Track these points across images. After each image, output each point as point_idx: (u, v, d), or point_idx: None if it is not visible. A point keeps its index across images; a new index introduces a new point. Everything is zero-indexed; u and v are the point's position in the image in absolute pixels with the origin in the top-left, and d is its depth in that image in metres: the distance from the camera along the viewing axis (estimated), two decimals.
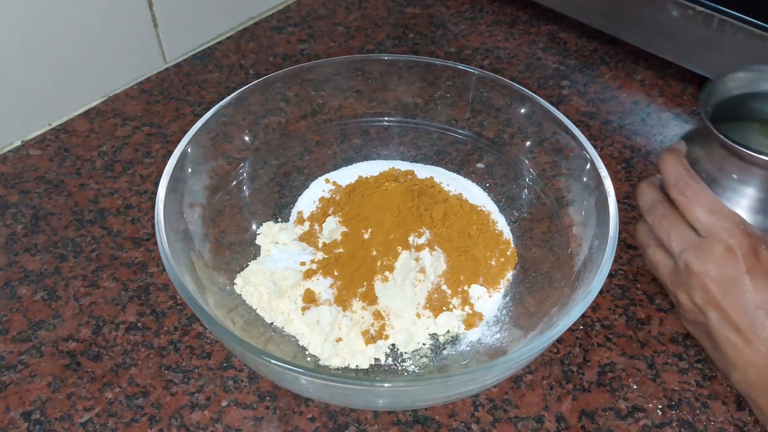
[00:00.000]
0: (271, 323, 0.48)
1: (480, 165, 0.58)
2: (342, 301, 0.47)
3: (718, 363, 0.46)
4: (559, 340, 0.50)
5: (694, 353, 0.50)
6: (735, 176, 0.49)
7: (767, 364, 0.41)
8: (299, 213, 0.55)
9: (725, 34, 0.62)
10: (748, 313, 0.42)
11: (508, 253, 0.52)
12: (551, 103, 0.53)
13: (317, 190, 0.57)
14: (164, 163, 0.47)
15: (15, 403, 0.47)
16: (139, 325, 0.51)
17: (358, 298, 0.48)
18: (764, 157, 0.46)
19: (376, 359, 0.47)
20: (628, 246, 0.56)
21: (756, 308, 0.42)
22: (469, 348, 0.48)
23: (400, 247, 0.49)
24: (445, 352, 0.48)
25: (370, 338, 0.47)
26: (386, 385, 0.38)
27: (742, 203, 0.49)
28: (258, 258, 0.52)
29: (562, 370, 0.49)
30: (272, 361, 0.38)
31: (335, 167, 0.59)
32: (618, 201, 0.46)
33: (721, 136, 0.47)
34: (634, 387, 0.48)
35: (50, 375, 0.48)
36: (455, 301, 0.49)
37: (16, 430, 0.45)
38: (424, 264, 0.49)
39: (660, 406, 0.47)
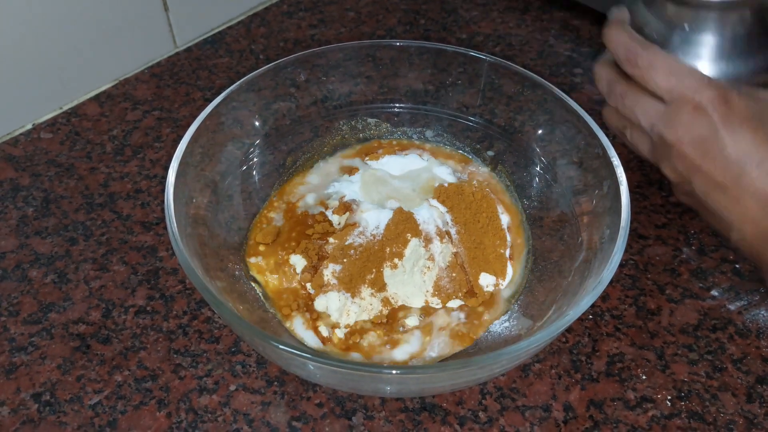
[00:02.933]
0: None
1: (490, 153, 0.58)
2: (351, 287, 0.47)
3: (717, 228, 0.43)
4: (568, 330, 0.50)
5: (705, 344, 0.49)
6: (687, 27, 0.45)
7: (760, 215, 0.39)
8: None
9: None
10: (731, 169, 0.39)
11: (519, 241, 0.52)
12: (563, 90, 0.52)
13: None
14: (174, 148, 0.47)
15: (25, 384, 0.47)
16: (148, 308, 0.51)
17: (366, 285, 0.48)
18: None
19: None
20: (639, 236, 0.56)
21: (737, 162, 0.39)
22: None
23: (409, 234, 0.48)
24: None
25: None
26: (394, 371, 0.38)
27: (702, 53, 0.45)
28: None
29: (570, 359, 0.49)
30: (280, 346, 0.38)
31: None
32: (630, 190, 0.45)
33: None
34: (644, 377, 0.48)
35: (60, 357, 0.48)
36: (464, 288, 0.49)
37: (26, 411, 0.45)
38: (434, 251, 0.49)
39: (669, 397, 0.47)
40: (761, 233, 0.39)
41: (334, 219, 0.52)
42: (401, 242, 0.48)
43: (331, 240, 0.49)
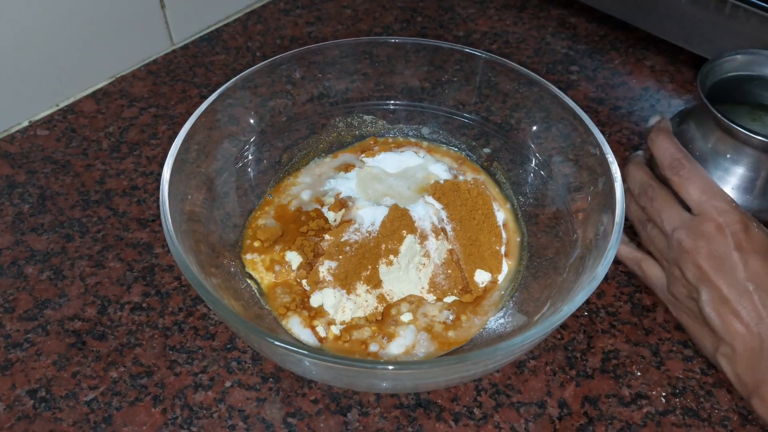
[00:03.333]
0: None
1: (486, 150, 0.58)
2: (346, 284, 0.47)
3: (702, 340, 0.47)
4: (564, 327, 0.50)
5: None
6: (728, 156, 0.49)
7: (752, 335, 0.43)
8: None
9: (738, 20, 0.61)
10: (738, 287, 0.43)
11: (514, 238, 0.52)
12: (560, 88, 0.52)
13: None
14: (170, 145, 0.47)
15: (21, 380, 0.47)
16: (143, 305, 0.51)
17: (362, 281, 0.48)
18: (760, 138, 0.46)
19: None
20: (634, 232, 0.56)
21: (744, 282, 0.43)
22: None
23: (404, 231, 0.48)
24: None
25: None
26: (389, 367, 0.38)
27: (733, 182, 0.50)
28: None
29: (565, 356, 0.49)
30: (276, 342, 0.38)
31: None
32: (624, 188, 0.45)
33: (719, 116, 0.47)
34: (638, 374, 0.48)
35: (56, 353, 0.48)
36: (459, 285, 0.49)
37: (21, 407, 0.46)
38: (429, 248, 0.49)
39: (664, 394, 0.47)
40: (747, 351, 0.43)
41: (330, 215, 0.52)
42: (396, 239, 0.48)
43: (326, 237, 0.49)
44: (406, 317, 0.47)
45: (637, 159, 0.52)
